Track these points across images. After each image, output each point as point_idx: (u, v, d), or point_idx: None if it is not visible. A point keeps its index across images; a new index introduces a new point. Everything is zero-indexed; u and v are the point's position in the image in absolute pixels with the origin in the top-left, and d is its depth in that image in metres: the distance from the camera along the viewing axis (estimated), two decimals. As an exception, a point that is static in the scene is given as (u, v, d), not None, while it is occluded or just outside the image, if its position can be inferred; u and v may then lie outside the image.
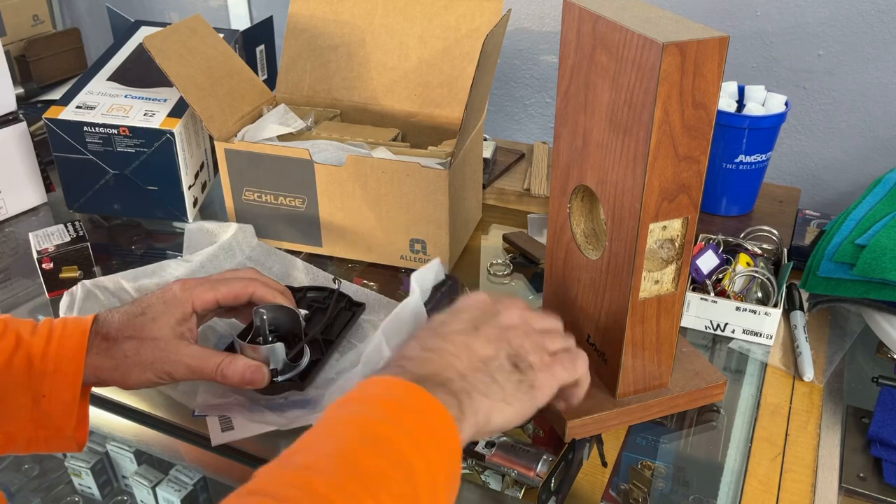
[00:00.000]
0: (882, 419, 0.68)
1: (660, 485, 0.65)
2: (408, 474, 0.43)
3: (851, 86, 1.08)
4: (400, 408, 0.46)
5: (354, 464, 0.42)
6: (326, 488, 0.41)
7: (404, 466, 0.43)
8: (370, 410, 0.46)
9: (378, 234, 0.92)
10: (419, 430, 0.45)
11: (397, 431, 0.44)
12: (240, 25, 1.47)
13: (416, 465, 0.43)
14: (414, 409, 0.46)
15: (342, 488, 0.41)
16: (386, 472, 0.42)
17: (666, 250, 0.63)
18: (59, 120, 0.96)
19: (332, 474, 0.41)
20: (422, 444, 0.44)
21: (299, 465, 0.43)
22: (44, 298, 0.89)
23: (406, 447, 0.44)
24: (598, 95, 0.62)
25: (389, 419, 0.45)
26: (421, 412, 0.46)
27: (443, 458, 0.45)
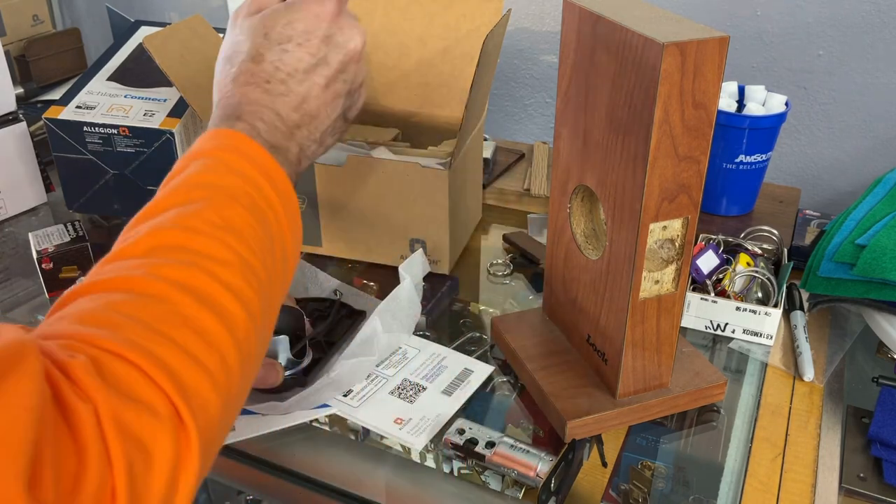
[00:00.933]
0: (882, 419, 0.68)
1: (660, 485, 0.65)
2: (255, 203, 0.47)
3: (851, 86, 1.08)
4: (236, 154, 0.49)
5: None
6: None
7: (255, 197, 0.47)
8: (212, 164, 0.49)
9: (378, 234, 0.92)
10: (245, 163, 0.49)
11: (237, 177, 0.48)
12: (240, 25, 1.47)
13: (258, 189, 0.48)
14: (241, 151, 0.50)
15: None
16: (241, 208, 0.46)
17: (666, 250, 0.63)
18: (58, 120, 0.96)
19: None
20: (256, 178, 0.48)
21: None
22: (43, 298, 0.89)
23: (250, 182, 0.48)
24: (598, 95, 0.62)
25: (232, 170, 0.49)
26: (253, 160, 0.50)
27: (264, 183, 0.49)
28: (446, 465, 0.67)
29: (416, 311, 0.79)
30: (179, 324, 0.39)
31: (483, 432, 0.67)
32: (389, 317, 0.74)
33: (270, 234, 0.48)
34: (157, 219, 0.44)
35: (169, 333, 0.39)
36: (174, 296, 0.40)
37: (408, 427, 0.69)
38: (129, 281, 0.40)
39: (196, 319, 0.40)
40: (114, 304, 0.39)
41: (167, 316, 0.39)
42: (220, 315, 0.41)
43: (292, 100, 0.54)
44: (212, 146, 0.49)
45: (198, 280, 0.41)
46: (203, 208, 0.45)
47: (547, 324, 0.79)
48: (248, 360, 0.43)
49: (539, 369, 0.72)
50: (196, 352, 0.39)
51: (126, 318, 0.38)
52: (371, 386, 0.74)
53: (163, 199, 0.46)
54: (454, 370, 0.76)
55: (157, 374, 0.36)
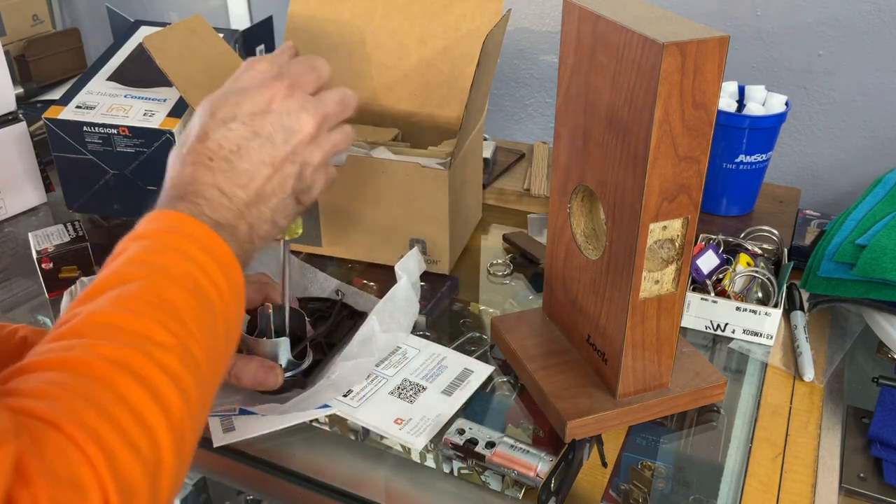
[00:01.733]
0: (882, 419, 0.68)
1: (660, 485, 0.65)
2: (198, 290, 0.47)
3: (851, 86, 1.08)
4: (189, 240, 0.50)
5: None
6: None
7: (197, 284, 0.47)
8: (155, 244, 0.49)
9: (378, 234, 0.92)
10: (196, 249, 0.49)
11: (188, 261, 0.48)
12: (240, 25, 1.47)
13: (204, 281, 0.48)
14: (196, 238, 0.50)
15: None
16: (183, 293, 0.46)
17: (666, 250, 0.63)
18: (58, 120, 0.96)
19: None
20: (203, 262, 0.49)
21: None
22: (43, 298, 0.89)
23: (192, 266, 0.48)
24: (598, 95, 0.62)
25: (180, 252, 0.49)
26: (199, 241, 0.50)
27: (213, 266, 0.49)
28: (446, 465, 0.67)
29: (414, 309, 0.79)
30: (116, 402, 0.39)
31: (483, 432, 0.67)
32: (387, 316, 0.74)
33: (213, 312, 0.48)
34: (97, 301, 0.44)
35: (106, 410, 0.38)
36: (111, 374, 0.40)
37: (408, 427, 0.69)
38: (66, 361, 0.40)
39: (132, 400, 0.40)
40: (54, 380, 0.39)
41: (105, 394, 0.39)
42: (156, 398, 0.41)
43: (237, 177, 0.54)
44: (153, 228, 0.50)
45: (135, 361, 0.41)
46: (142, 289, 0.45)
47: (547, 324, 0.79)
48: (182, 444, 0.43)
49: (539, 369, 0.72)
50: (131, 432, 0.39)
51: (66, 391, 0.38)
52: (371, 386, 0.74)
53: (101, 282, 0.46)
54: (454, 370, 0.76)
55: (93, 452, 0.37)
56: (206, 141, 0.54)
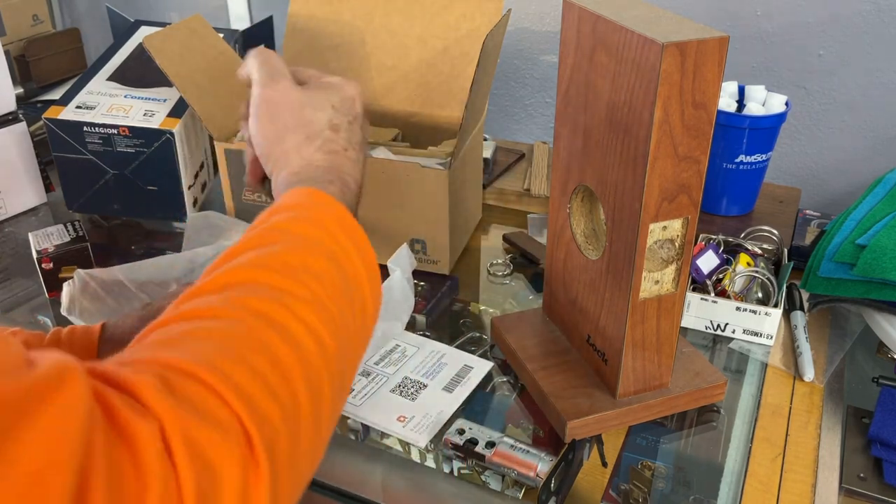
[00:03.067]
0: (882, 419, 0.68)
1: (660, 485, 0.65)
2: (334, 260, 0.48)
3: (851, 86, 1.08)
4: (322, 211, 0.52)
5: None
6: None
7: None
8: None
9: (378, 234, 0.92)
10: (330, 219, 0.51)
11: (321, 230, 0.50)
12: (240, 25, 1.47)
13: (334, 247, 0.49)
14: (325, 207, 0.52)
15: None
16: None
17: (666, 250, 0.63)
18: (58, 120, 0.96)
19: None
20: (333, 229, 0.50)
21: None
22: (43, 298, 0.89)
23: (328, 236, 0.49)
24: (598, 95, 0.62)
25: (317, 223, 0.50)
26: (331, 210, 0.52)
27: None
28: (446, 465, 0.67)
29: (409, 303, 0.79)
30: (256, 349, 0.39)
31: (483, 432, 0.67)
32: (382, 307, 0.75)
33: (350, 287, 0.48)
34: (236, 260, 0.45)
35: (245, 357, 0.38)
36: (252, 322, 0.40)
37: (411, 424, 0.69)
38: (208, 310, 0.41)
39: (272, 348, 0.40)
40: (191, 331, 0.39)
41: (244, 340, 0.39)
42: (294, 349, 0.41)
43: (361, 169, 0.59)
44: (297, 201, 0.51)
45: (276, 312, 0.41)
46: (283, 251, 0.46)
47: (547, 324, 0.79)
48: (319, 395, 0.42)
49: (539, 369, 0.72)
50: (270, 379, 0.38)
51: (202, 340, 0.38)
52: (372, 384, 0.74)
53: (243, 244, 0.47)
54: (454, 367, 0.76)
55: (230, 396, 0.36)
56: (339, 132, 0.58)
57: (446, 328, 0.84)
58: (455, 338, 0.82)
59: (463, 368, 0.76)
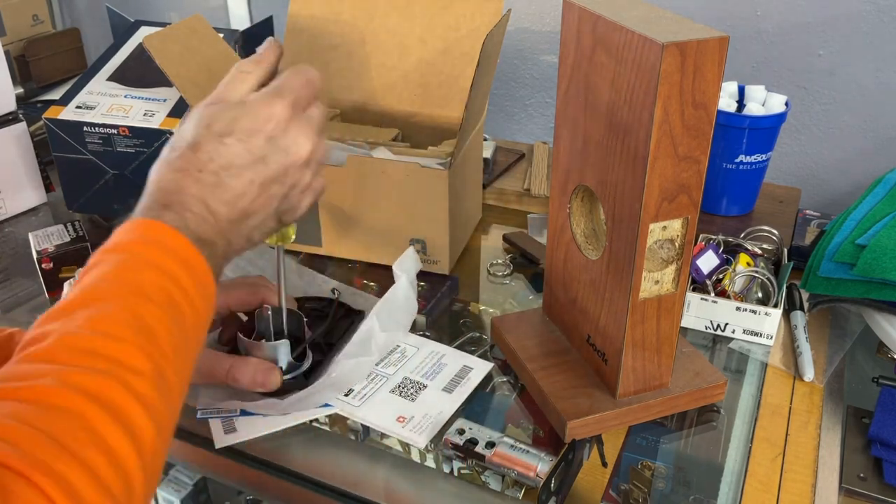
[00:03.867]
0: (882, 419, 0.68)
1: (660, 485, 0.65)
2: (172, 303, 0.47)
3: (851, 86, 1.08)
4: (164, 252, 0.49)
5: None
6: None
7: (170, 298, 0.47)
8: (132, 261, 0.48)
9: (378, 235, 0.92)
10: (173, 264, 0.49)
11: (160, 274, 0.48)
12: (240, 25, 1.47)
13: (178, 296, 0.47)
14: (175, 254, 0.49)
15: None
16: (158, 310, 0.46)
17: (666, 250, 0.63)
18: (58, 120, 0.96)
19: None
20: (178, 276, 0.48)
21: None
22: (43, 298, 0.89)
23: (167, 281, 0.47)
24: (598, 95, 0.62)
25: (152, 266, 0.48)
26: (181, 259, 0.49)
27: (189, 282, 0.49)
28: (446, 465, 0.67)
29: (412, 308, 0.79)
30: (88, 441, 0.38)
31: (483, 432, 0.67)
32: (386, 315, 0.75)
33: (185, 330, 0.47)
34: (70, 320, 0.43)
35: (77, 452, 0.37)
36: (85, 408, 0.39)
37: (410, 425, 0.69)
38: (37, 390, 0.39)
39: (105, 437, 0.39)
40: (21, 415, 0.38)
41: (76, 432, 0.38)
42: (129, 432, 0.40)
43: (223, 193, 0.53)
44: (131, 239, 0.49)
45: (109, 390, 0.40)
46: (117, 309, 0.44)
47: (547, 324, 0.79)
48: (152, 476, 0.42)
49: (539, 369, 0.72)
50: (103, 474, 0.38)
51: (34, 430, 0.37)
52: (372, 385, 0.74)
53: (75, 299, 0.44)
54: (454, 368, 0.76)
55: (60, 498, 0.35)
56: (198, 151, 0.53)
57: (446, 328, 0.84)
58: (455, 338, 0.82)
59: (463, 369, 0.76)
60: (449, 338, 0.82)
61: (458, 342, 0.81)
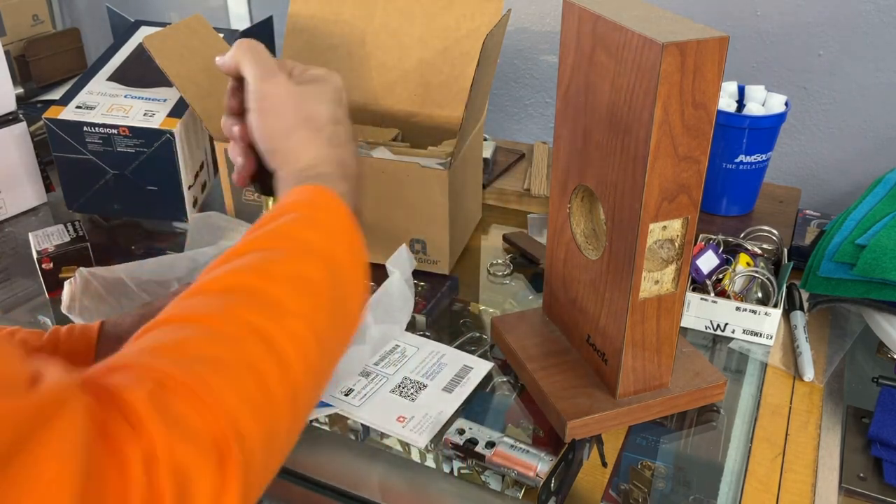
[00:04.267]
0: (882, 419, 0.68)
1: (660, 485, 0.65)
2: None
3: (851, 86, 1.08)
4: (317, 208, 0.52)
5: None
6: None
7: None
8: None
9: (378, 234, 0.92)
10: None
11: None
12: (240, 25, 1.47)
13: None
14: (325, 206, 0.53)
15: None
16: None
17: (666, 250, 0.63)
18: (58, 120, 0.96)
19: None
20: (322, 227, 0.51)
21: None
22: (44, 298, 0.89)
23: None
24: (598, 95, 0.62)
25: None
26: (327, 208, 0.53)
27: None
28: (446, 465, 0.67)
29: (408, 305, 0.79)
30: (245, 366, 0.40)
31: (483, 432, 0.67)
32: (381, 309, 0.75)
33: (342, 296, 0.50)
34: (239, 261, 0.46)
35: (234, 374, 0.40)
36: (244, 337, 0.42)
37: (410, 424, 0.69)
38: (205, 317, 0.42)
39: (260, 367, 0.41)
40: (187, 339, 0.40)
41: (235, 356, 0.40)
42: (282, 366, 0.42)
43: (357, 159, 0.60)
44: (305, 200, 0.52)
45: (268, 327, 0.43)
46: (283, 259, 0.47)
47: (547, 324, 0.79)
48: (299, 410, 0.44)
49: (539, 369, 0.72)
50: (255, 397, 0.40)
51: (195, 351, 0.40)
52: (372, 385, 0.74)
53: (247, 244, 0.48)
54: (454, 367, 0.76)
55: (217, 412, 0.37)
56: (339, 125, 0.59)
57: (446, 328, 0.84)
58: (455, 338, 0.82)
59: (463, 368, 0.76)
60: (449, 338, 0.82)
61: (458, 342, 0.81)
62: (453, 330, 0.84)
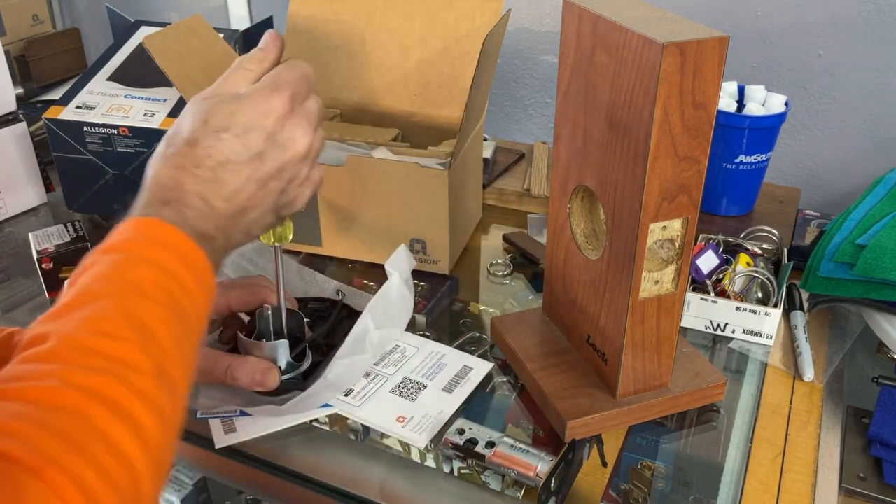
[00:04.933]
0: (882, 419, 0.68)
1: (660, 485, 0.65)
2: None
3: (851, 86, 1.08)
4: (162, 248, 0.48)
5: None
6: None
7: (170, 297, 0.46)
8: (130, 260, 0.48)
9: (378, 234, 0.92)
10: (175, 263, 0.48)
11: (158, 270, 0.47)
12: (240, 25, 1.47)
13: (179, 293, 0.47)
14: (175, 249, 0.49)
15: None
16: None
17: (666, 250, 0.63)
18: (58, 120, 0.96)
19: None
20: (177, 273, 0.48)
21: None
22: (44, 298, 0.89)
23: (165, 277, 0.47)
24: (598, 95, 0.62)
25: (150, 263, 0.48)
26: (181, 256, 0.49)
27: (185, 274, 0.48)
28: (446, 465, 0.67)
29: (408, 306, 0.79)
30: (93, 438, 0.38)
31: (483, 432, 0.67)
32: (381, 313, 0.75)
33: (188, 326, 0.47)
34: (67, 320, 0.43)
35: (83, 448, 0.37)
36: (87, 407, 0.39)
37: (410, 425, 0.69)
38: (39, 391, 0.39)
39: (109, 434, 0.39)
40: (26, 415, 0.38)
41: (80, 429, 0.38)
42: (133, 428, 0.40)
43: (220, 188, 0.52)
44: (128, 237, 0.48)
45: (111, 389, 0.40)
46: (114, 308, 0.44)
47: (547, 324, 0.79)
48: (159, 468, 0.42)
49: (539, 369, 0.72)
50: (109, 468, 0.38)
51: (40, 428, 0.37)
52: (372, 385, 0.74)
53: (71, 300, 0.44)
54: (454, 368, 0.76)
55: (72, 493, 0.36)
56: (195, 147, 0.52)
57: (446, 328, 0.84)
58: (455, 338, 0.82)
59: (463, 369, 0.76)
60: (449, 338, 0.82)
61: (458, 342, 0.81)
62: (453, 330, 0.84)
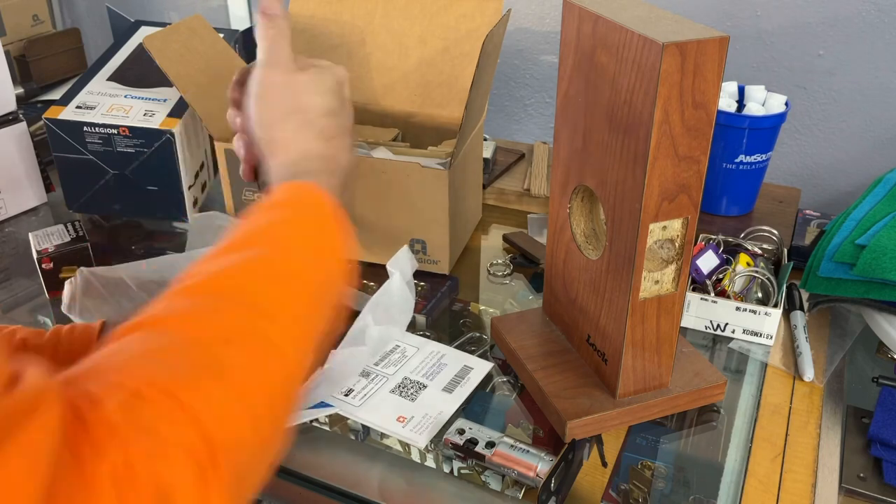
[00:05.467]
0: (882, 419, 0.68)
1: (660, 485, 0.65)
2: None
3: (851, 86, 1.08)
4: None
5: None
6: None
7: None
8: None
9: (378, 235, 0.92)
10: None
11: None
12: (240, 25, 1.47)
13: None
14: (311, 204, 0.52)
15: None
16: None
17: (666, 250, 0.63)
18: (59, 120, 0.96)
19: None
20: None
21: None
22: (44, 298, 0.89)
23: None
24: (598, 95, 0.62)
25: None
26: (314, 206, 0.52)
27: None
28: (446, 465, 0.67)
29: (409, 306, 0.79)
30: (223, 374, 0.39)
31: (483, 432, 0.67)
32: (381, 310, 0.75)
33: (326, 296, 0.49)
34: (223, 260, 0.45)
35: (211, 383, 0.38)
36: (222, 346, 0.41)
37: (410, 425, 0.69)
38: (183, 323, 0.41)
39: (239, 373, 0.40)
40: (163, 347, 0.39)
41: (211, 366, 0.40)
42: (262, 373, 0.41)
43: (350, 154, 0.59)
44: (292, 198, 0.51)
45: (249, 333, 0.42)
46: (267, 259, 0.46)
47: (547, 324, 0.79)
48: (279, 415, 0.43)
49: (539, 369, 0.72)
50: (232, 406, 0.39)
51: (172, 362, 0.38)
52: (372, 385, 0.74)
53: (231, 243, 0.47)
54: (454, 368, 0.76)
55: (191, 423, 0.36)
56: (333, 118, 0.58)
57: (446, 328, 0.84)
58: (455, 338, 0.82)
59: (463, 369, 0.76)
60: (449, 338, 0.82)
61: (458, 342, 0.81)
62: (453, 330, 0.84)
